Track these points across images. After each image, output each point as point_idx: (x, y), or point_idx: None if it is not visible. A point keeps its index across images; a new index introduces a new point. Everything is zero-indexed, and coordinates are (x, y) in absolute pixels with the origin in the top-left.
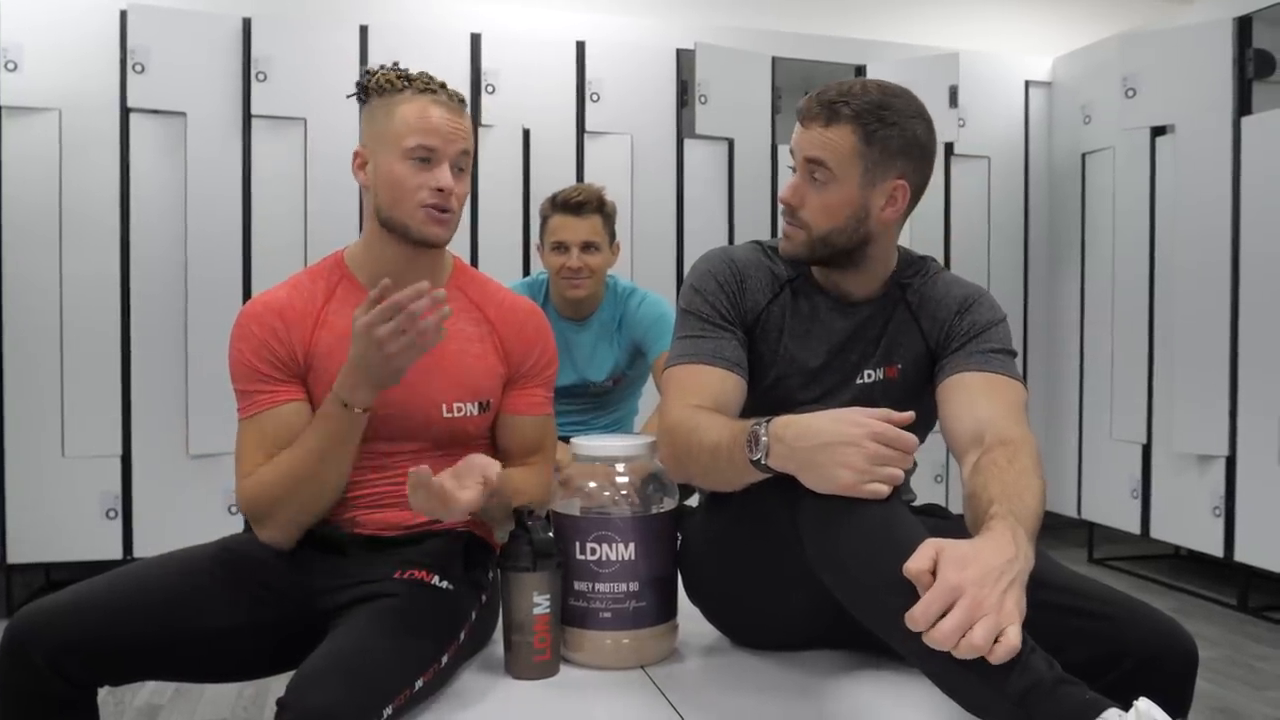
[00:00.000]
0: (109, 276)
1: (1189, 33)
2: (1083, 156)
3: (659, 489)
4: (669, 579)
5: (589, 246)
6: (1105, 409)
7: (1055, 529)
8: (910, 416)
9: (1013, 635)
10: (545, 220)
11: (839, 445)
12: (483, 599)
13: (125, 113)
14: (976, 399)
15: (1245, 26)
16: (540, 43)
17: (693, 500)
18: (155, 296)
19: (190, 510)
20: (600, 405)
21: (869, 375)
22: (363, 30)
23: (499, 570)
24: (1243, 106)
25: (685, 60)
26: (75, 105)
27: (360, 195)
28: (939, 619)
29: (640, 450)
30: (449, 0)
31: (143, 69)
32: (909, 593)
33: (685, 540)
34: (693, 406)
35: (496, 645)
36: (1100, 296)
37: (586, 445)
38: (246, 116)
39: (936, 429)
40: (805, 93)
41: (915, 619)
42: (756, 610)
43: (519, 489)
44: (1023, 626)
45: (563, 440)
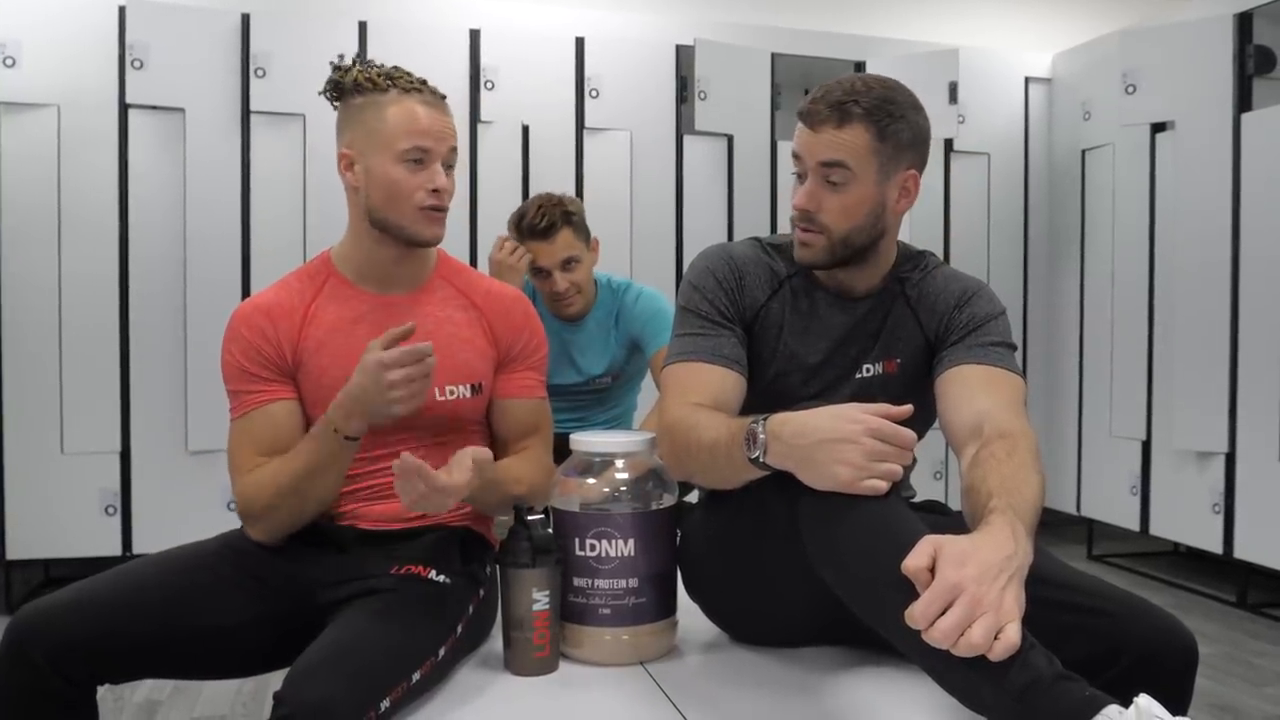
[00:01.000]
0: (108, 272)
1: (1189, 29)
2: (1083, 153)
3: (658, 485)
4: (668, 575)
5: (568, 263)
6: (1105, 405)
7: (1054, 525)
8: (908, 410)
9: (1012, 632)
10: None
11: (836, 442)
12: (480, 593)
13: (124, 109)
14: (975, 392)
15: (1246, 22)
16: (539, 39)
17: (692, 497)
18: (154, 293)
19: (189, 506)
20: (599, 401)
21: (868, 370)
22: (361, 26)
23: (498, 566)
24: (1243, 103)
25: (685, 56)
26: (74, 101)
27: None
28: (938, 617)
29: (639, 446)
30: None
31: (141, 65)
32: (908, 589)
33: (685, 537)
34: (692, 404)
35: (496, 641)
36: (1100, 293)
37: (586, 441)
38: (245, 113)
39: (936, 425)
40: (805, 89)
41: (914, 617)
42: (756, 607)
43: (517, 477)
44: (1022, 623)
45: (561, 437)
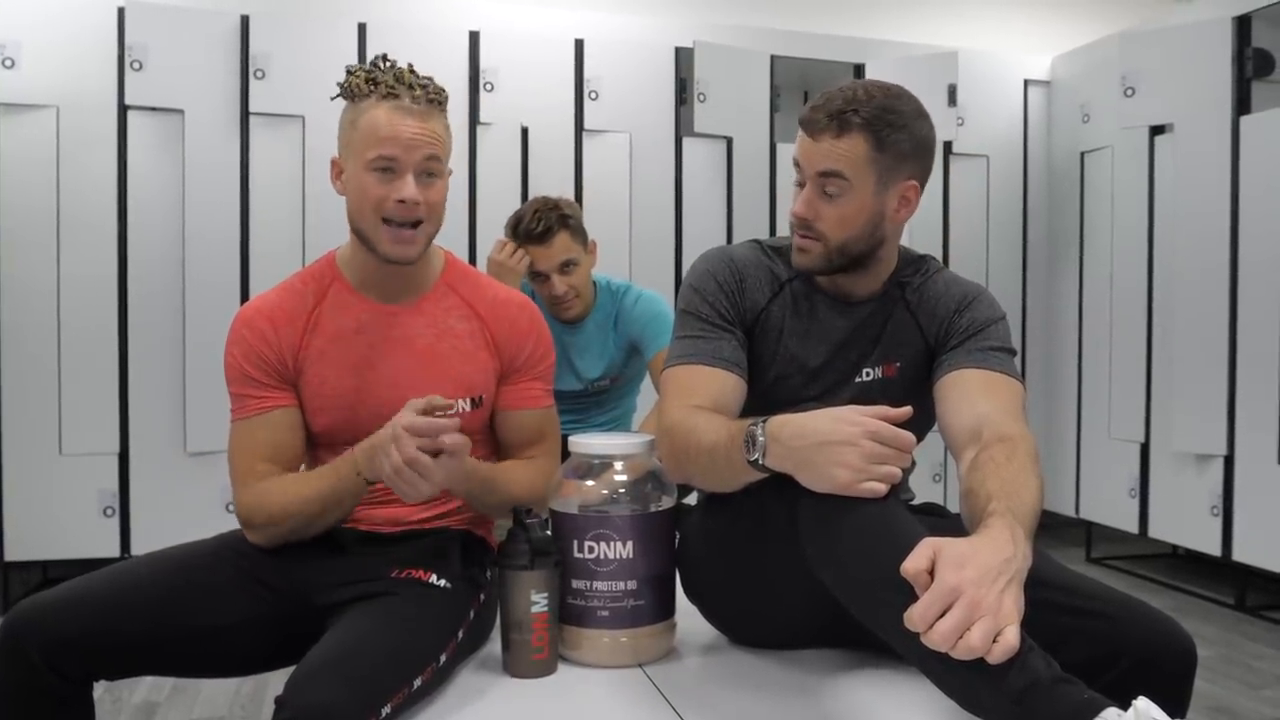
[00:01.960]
0: (106, 274)
1: (1188, 32)
2: (1081, 155)
3: (657, 487)
4: (667, 577)
5: (566, 266)
6: (1104, 408)
7: (1053, 528)
8: (907, 412)
9: (1011, 635)
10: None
11: (835, 444)
12: (481, 597)
13: (123, 110)
14: (975, 396)
15: (1244, 25)
16: (539, 41)
17: (691, 499)
18: (153, 294)
19: (188, 508)
20: (598, 404)
21: (868, 374)
22: (361, 28)
23: (497, 568)
24: (1242, 106)
25: (684, 58)
26: (73, 102)
27: None
28: (937, 619)
29: (638, 449)
30: None
31: (141, 66)
32: (907, 592)
33: (683, 539)
34: (691, 407)
35: (495, 644)
36: (1099, 296)
37: (585, 443)
38: (244, 114)
39: (936, 428)
40: (804, 92)
41: (913, 619)
42: (754, 609)
43: (515, 478)
44: (1021, 625)
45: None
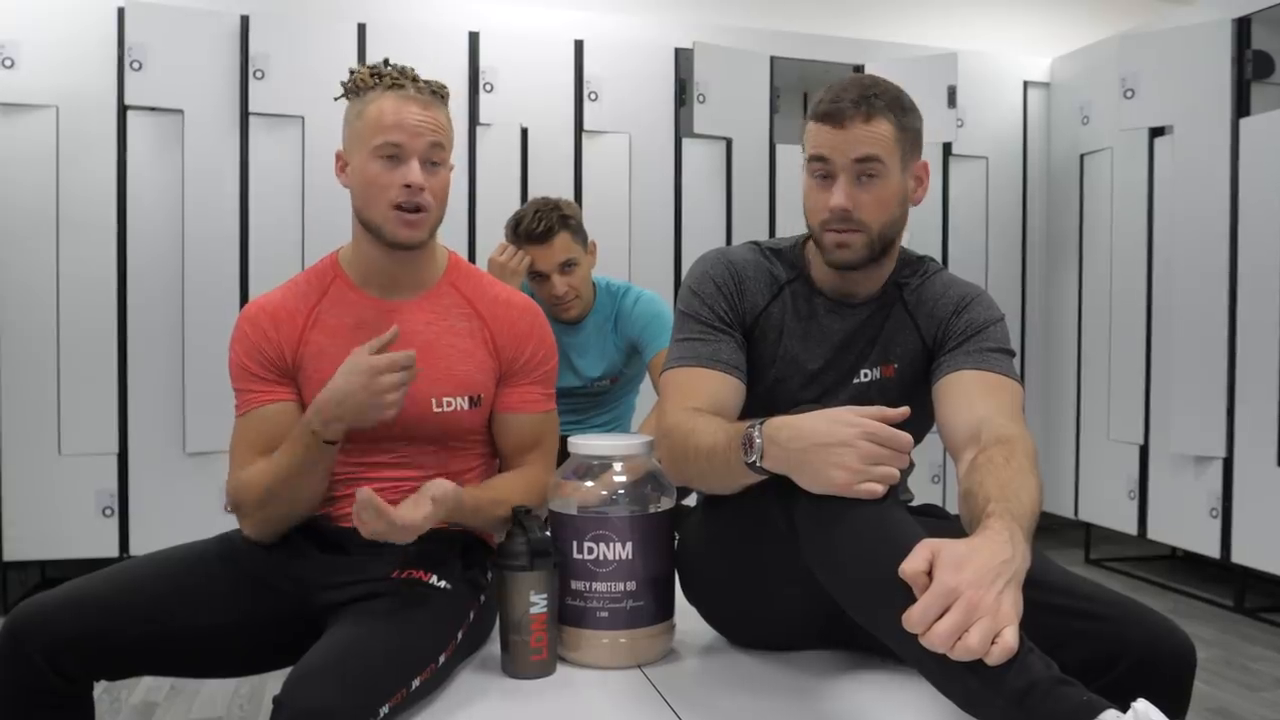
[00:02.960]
0: (106, 274)
1: (1188, 34)
2: (1081, 157)
3: (656, 488)
4: (666, 578)
5: (566, 266)
6: (1103, 410)
7: (1052, 530)
8: (905, 412)
9: (1009, 636)
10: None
11: (832, 446)
12: (481, 599)
13: (122, 110)
14: (973, 398)
15: (1244, 27)
16: (538, 41)
17: (690, 500)
18: (152, 294)
19: (187, 508)
20: (597, 404)
21: (866, 375)
22: (360, 28)
23: (496, 569)
24: (1241, 108)
25: (683, 59)
26: (72, 102)
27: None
28: (935, 620)
29: (638, 449)
30: None
31: (140, 66)
32: (905, 593)
33: (682, 540)
34: (690, 409)
35: (493, 644)
36: (1098, 297)
37: (584, 444)
38: (244, 114)
39: (934, 429)
40: (804, 93)
41: (912, 620)
42: (753, 610)
43: (501, 498)
44: (1020, 627)
45: (560, 439)
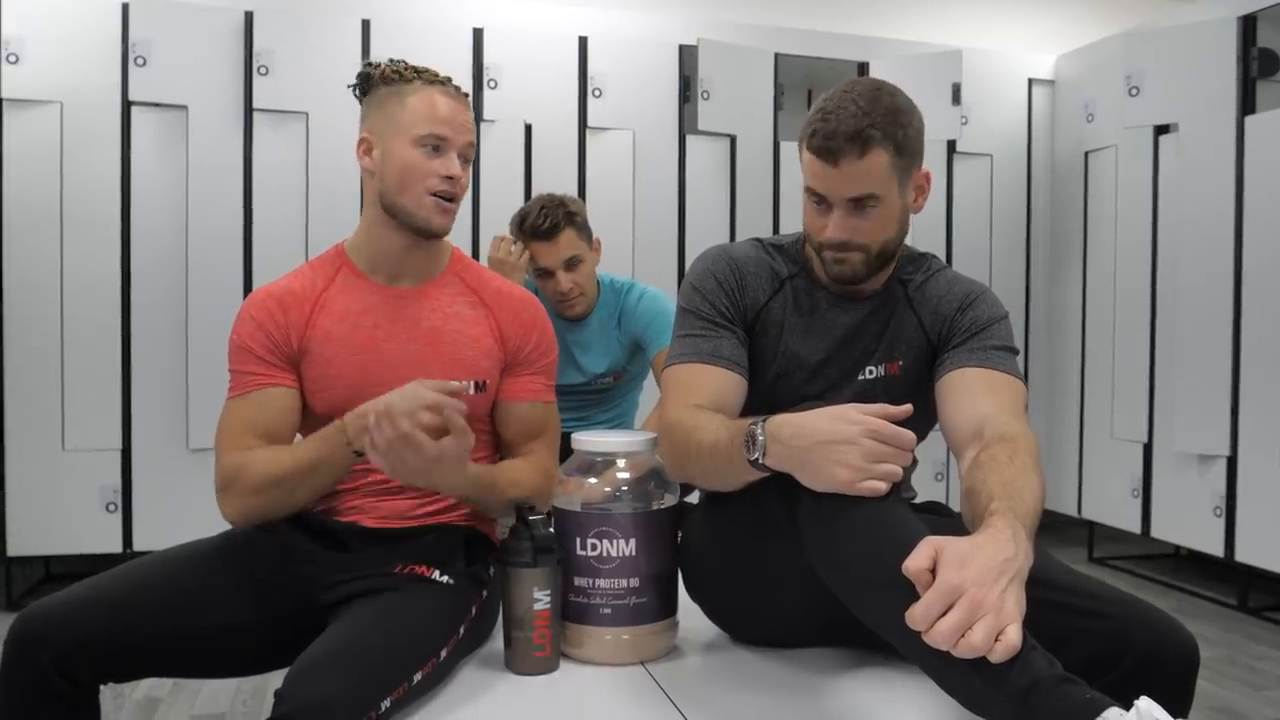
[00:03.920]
0: (110, 270)
1: (1193, 31)
2: (1085, 155)
3: (660, 485)
4: (669, 575)
5: (571, 262)
6: (1106, 408)
7: (1055, 528)
8: (908, 410)
9: (1013, 634)
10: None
11: (836, 443)
12: (483, 595)
13: (126, 106)
14: (977, 395)
15: (1249, 25)
16: (542, 38)
17: (693, 497)
18: (156, 290)
19: (190, 504)
20: (600, 401)
21: (870, 371)
22: (365, 24)
23: (499, 565)
24: (1246, 105)
25: (688, 56)
26: (76, 98)
27: (361, 185)
28: (939, 618)
29: (641, 446)
30: None
31: (144, 62)
32: (908, 590)
33: (685, 537)
34: (692, 406)
35: (497, 641)
36: (1102, 295)
37: (588, 441)
38: (248, 110)
39: (938, 426)
40: (808, 90)
41: (915, 618)
42: (756, 607)
43: (514, 480)
44: (1023, 625)
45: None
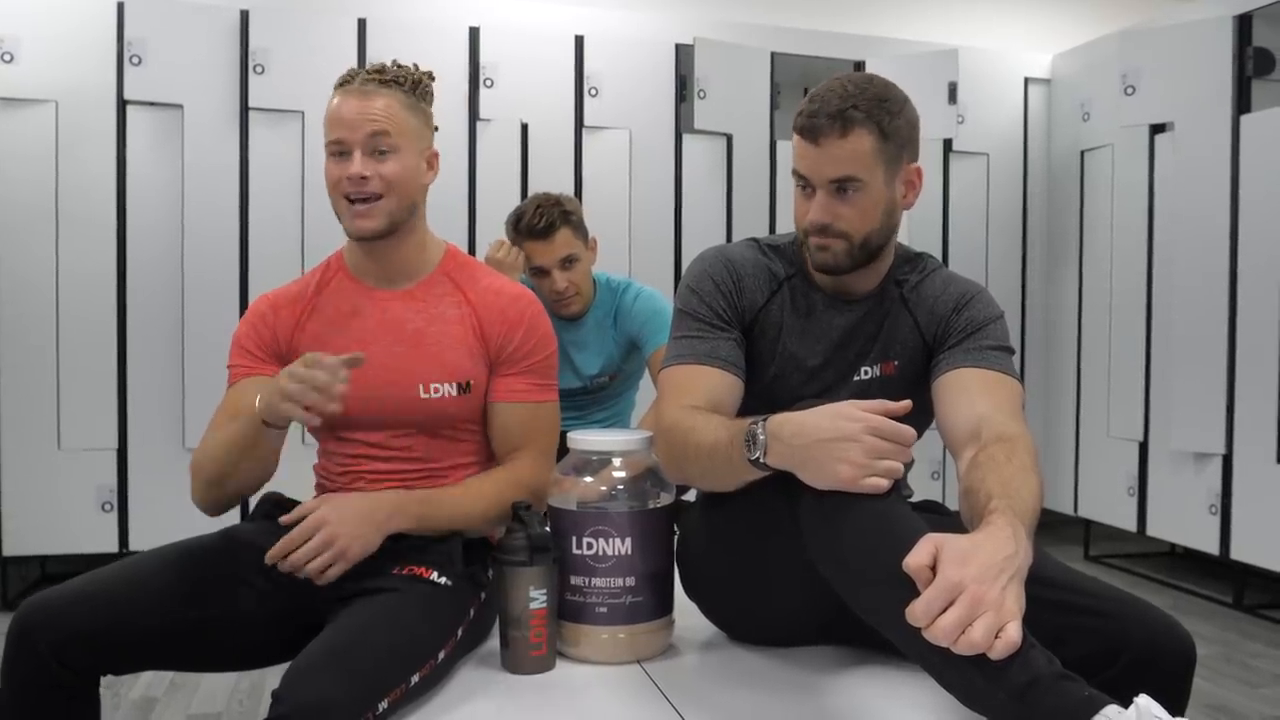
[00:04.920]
0: (105, 269)
1: (1189, 30)
2: (1081, 154)
3: (656, 484)
4: (666, 574)
5: (567, 261)
6: (1102, 406)
7: (1052, 526)
8: (907, 405)
9: (1013, 631)
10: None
11: (836, 441)
12: (482, 596)
13: (122, 105)
14: (974, 396)
15: (1245, 24)
16: (539, 37)
17: (690, 495)
18: (152, 289)
19: (186, 503)
20: (597, 400)
21: (866, 372)
22: (360, 23)
23: (495, 564)
24: (1242, 104)
25: (684, 55)
26: (72, 97)
27: None
28: (939, 614)
29: (637, 445)
30: None
31: (140, 61)
32: (909, 587)
33: (682, 535)
34: (689, 407)
35: (493, 640)
36: (1098, 294)
37: (584, 440)
38: (244, 109)
39: (934, 425)
40: (805, 89)
41: (915, 614)
42: (753, 606)
43: (464, 514)
44: (1022, 622)
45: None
